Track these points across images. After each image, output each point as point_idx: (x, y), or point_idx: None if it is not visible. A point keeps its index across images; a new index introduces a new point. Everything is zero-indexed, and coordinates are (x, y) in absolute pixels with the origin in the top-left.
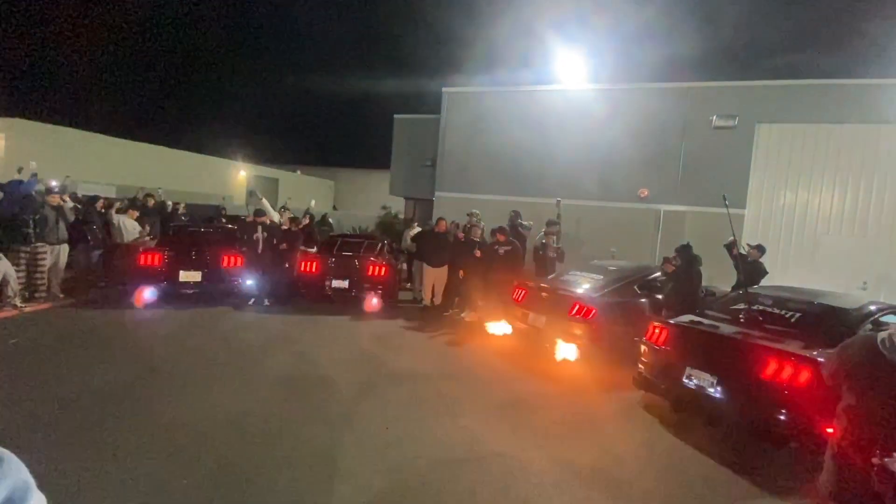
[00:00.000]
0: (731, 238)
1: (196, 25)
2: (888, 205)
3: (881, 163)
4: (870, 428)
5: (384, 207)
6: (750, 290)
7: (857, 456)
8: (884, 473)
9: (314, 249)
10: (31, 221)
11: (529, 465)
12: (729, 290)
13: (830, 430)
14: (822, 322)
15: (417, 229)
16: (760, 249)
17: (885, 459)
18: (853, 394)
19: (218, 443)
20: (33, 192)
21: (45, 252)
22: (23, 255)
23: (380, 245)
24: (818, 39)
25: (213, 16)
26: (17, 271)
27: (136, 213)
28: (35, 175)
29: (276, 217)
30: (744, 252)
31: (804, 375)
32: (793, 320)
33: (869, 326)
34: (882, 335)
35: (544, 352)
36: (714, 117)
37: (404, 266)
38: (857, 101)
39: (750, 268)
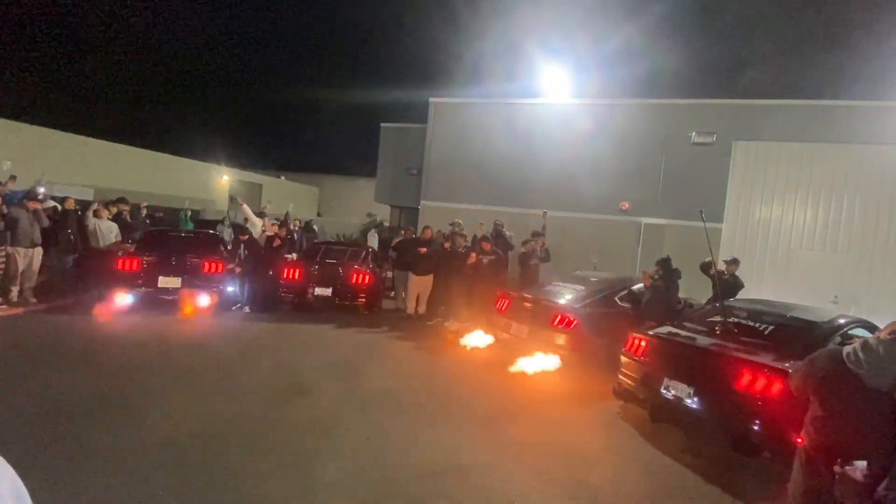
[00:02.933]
0: (708, 259)
1: (179, 29)
2: (858, 222)
3: (852, 181)
4: (835, 437)
5: (369, 215)
6: (725, 302)
7: (823, 464)
8: (845, 481)
9: (294, 256)
10: None
11: (511, 476)
12: (705, 302)
13: (800, 440)
14: (794, 334)
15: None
16: (736, 262)
17: (847, 468)
18: (819, 405)
19: (197, 454)
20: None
21: None
22: None
23: (364, 253)
24: (795, 60)
25: (197, 19)
26: None
27: (107, 214)
28: (14, 177)
29: (258, 223)
30: (721, 269)
31: (776, 386)
32: (766, 332)
33: (838, 339)
34: (847, 349)
35: (526, 362)
36: (693, 134)
37: (389, 274)
38: (830, 121)
39: (726, 282)
